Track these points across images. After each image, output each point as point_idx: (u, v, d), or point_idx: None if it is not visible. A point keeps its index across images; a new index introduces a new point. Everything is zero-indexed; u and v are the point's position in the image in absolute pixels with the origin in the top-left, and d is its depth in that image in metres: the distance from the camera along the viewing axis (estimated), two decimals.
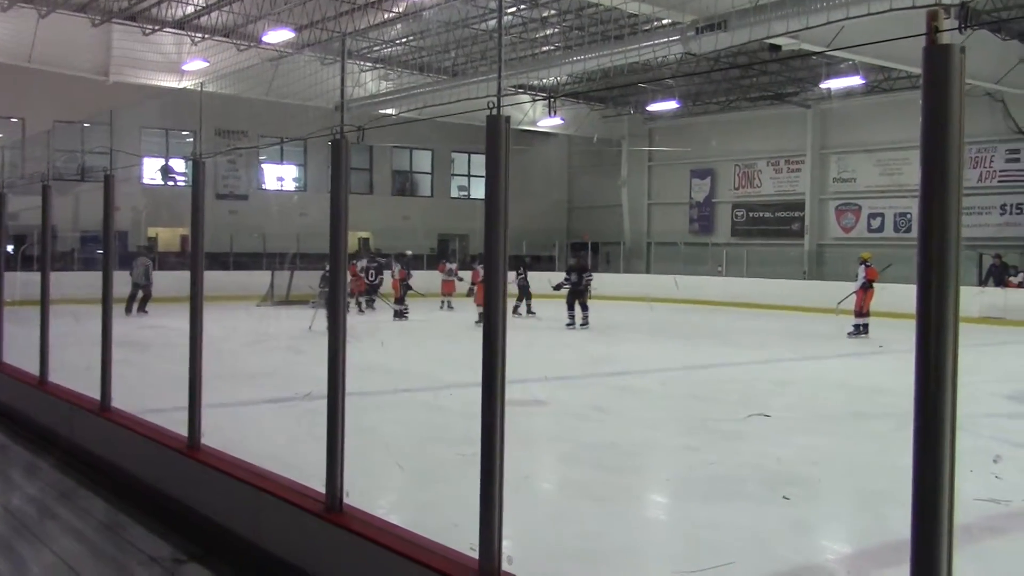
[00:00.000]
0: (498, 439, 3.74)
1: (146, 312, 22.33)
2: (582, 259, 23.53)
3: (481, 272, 18.62)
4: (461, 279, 26.12)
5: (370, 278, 24.47)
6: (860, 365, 15.54)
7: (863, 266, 19.96)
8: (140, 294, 22.55)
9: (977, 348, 16.72)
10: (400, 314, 22.58)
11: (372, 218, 33.57)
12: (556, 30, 26.05)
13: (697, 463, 7.84)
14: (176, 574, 5.12)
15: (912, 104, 2.52)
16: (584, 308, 20.51)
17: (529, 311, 23.56)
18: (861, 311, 19.60)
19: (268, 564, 4.99)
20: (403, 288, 23.36)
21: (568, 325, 20.34)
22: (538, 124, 34.06)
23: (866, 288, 19.69)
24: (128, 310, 21.84)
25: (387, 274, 24.82)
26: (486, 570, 3.72)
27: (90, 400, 7.78)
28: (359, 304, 24.15)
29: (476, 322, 20.53)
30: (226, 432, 6.88)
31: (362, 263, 24.86)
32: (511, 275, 23.97)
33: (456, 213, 37.16)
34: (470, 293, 25.13)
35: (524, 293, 23.73)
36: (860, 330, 19.42)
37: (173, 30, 26.43)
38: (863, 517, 6.60)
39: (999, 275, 25.35)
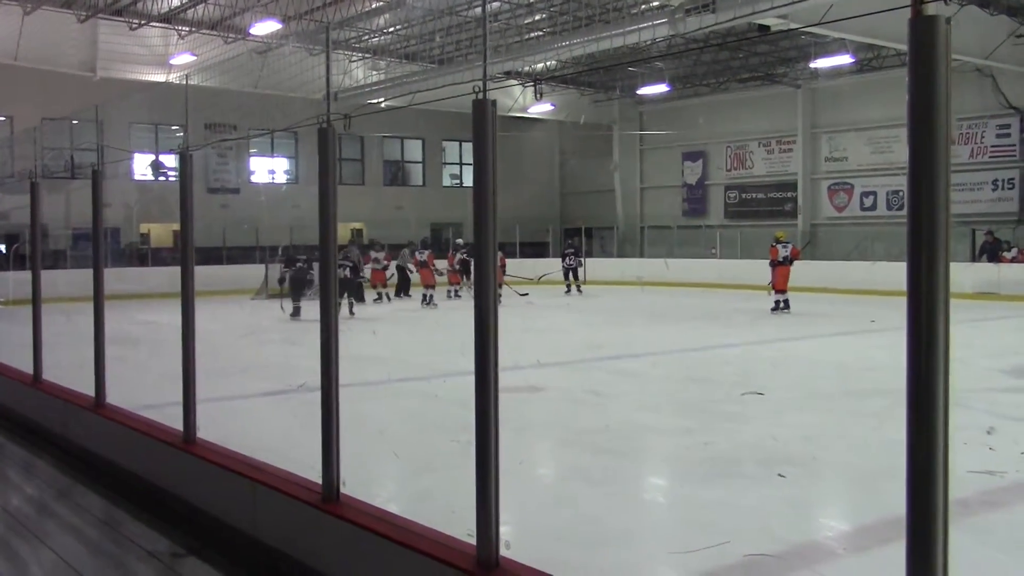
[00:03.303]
0: (493, 425, 3.74)
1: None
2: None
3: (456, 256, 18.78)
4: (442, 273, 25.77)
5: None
6: (854, 343, 15.56)
7: (778, 245, 20.59)
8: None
9: (972, 323, 16.77)
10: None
11: (364, 208, 33.51)
12: (543, 15, 25.96)
13: (694, 444, 7.85)
14: (174, 568, 5.12)
15: (902, 82, 2.50)
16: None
17: (578, 289, 27.31)
18: (777, 288, 20.35)
19: (266, 555, 4.99)
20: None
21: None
22: (529, 110, 33.96)
23: (775, 265, 20.36)
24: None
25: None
26: (484, 556, 3.72)
27: (84, 397, 7.77)
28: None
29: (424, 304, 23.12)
30: (222, 426, 6.87)
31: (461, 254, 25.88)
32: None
33: (449, 202, 37.12)
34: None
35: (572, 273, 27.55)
36: (781, 306, 20.17)
37: (160, 24, 26.30)
38: (860, 494, 6.61)
39: (992, 251, 25.36)
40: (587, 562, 5.08)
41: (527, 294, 24.91)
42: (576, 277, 27.89)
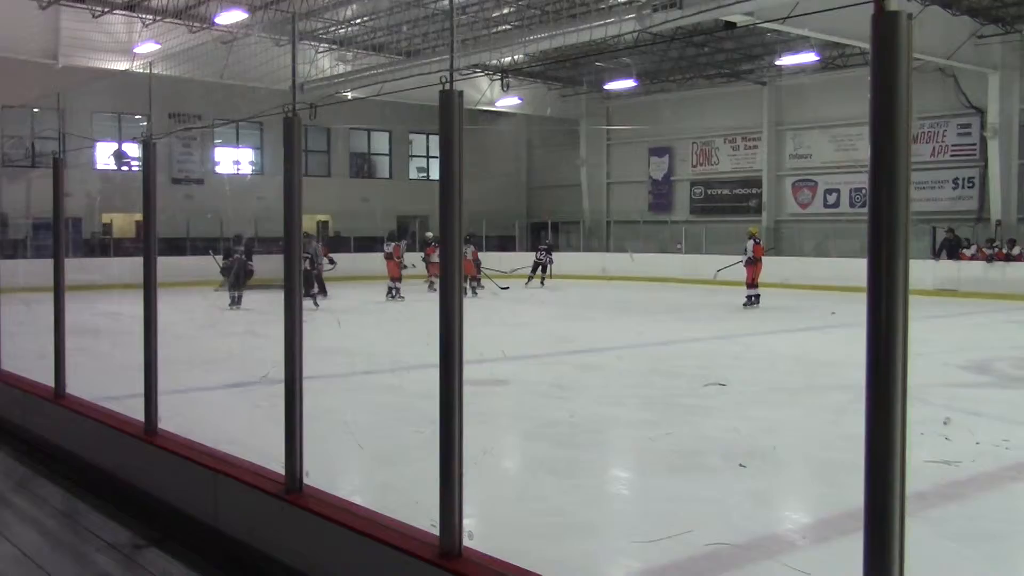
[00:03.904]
0: (457, 417, 3.74)
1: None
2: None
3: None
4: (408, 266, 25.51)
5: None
6: (816, 338, 15.72)
7: (751, 241, 21.10)
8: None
9: (931, 320, 17.00)
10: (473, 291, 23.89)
11: (330, 200, 33.32)
12: (511, 8, 25.93)
13: (657, 437, 7.90)
14: (135, 559, 5.07)
15: (865, 81, 2.53)
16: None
17: (541, 283, 28.07)
18: (752, 283, 20.75)
19: (228, 547, 4.96)
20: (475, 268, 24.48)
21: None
22: (496, 104, 33.91)
23: (753, 262, 20.80)
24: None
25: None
26: (446, 546, 3.73)
27: (44, 388, 7.67)
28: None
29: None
30: (184, 417, 6.82)
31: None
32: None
33: (415, 195, 36.94)
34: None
35: (541, 268, 28.36)
36: (752, 301, 20.56)
37: (123, 12, 25.94)
38: (820, 486, 6.70)
39: (952, 248, 25.71)
40: (550, 553, 5.09)
41: (507, 287, 25.10)
42: (544, 271, 28.63)
